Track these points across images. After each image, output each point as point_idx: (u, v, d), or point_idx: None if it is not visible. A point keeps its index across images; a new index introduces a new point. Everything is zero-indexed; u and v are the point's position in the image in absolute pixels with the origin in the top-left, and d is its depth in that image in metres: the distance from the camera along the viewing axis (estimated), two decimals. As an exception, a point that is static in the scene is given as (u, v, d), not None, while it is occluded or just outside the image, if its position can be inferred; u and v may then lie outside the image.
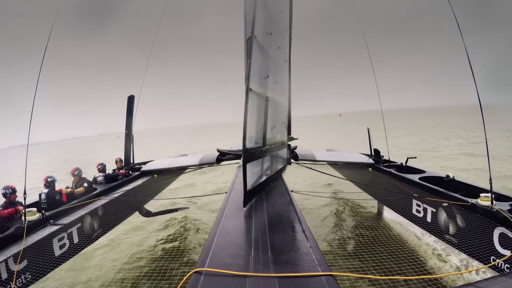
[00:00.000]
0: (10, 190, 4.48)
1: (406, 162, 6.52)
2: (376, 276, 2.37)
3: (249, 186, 3.19)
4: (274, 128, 4.43)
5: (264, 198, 3.68)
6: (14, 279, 3.13)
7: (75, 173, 5.86)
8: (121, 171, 7.27)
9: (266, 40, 3.76)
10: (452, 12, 3.79)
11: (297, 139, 7.09)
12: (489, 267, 3.38)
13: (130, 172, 7.45)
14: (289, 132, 6.37)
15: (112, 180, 6.64)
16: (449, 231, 4.15)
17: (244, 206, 3.18)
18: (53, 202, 4.89)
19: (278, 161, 4.96)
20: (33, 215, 4.08)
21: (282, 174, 5.14)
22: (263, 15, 3.57)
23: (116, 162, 7.53)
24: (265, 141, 3.85)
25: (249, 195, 3.23)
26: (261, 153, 3.75)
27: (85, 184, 5.77)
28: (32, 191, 4.89)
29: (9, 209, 4.36)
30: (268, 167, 4.31)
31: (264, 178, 4.00)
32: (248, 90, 3.02)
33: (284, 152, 5.47)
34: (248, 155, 3.16)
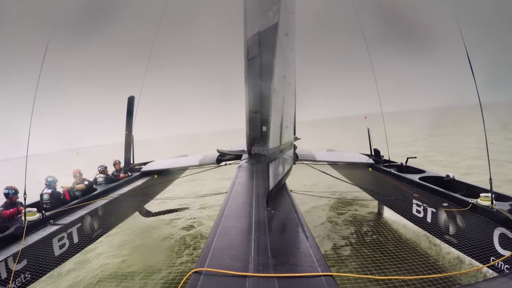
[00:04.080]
0: (13, 191, 4.50)
1: (406, 162, 6.51)
2: (376, 276, 2.36)
3: (271, 186, 3.22)
4: (286, 128, 4.47)
5: (264, 198, 3.69)
6: (11, 278, 3.13)
7: (77, 174, 5.88)
8: (121, 174, 7.26)
9: (284, 41, 3.80)
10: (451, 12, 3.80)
11: (300, 139, 7.08)
12: (489, 267, 3.37)
13: (129, 174, 7.45)
14: (293, 132, 6.40)
15: (112, 182, 6.65)
16: (449, 231, 4.14)
17: (267, 205, 3.20)
18: (57, 202, 4.91)
19: (287, 161, 4.99)
20: (33, 215, 4.10)
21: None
22: (283, 16, 3.63)
23: (114, 165, 7.50)
24: (281, 141, 3.88)
25: (271, 195, 3.24)
26: (279, 153, 3.79)
27: (86, 182, 5.79)
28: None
29: (11, 210, 4.38)
30: (282, 167, 4.35)
31: (279, 177, 4.02)
32: (272, 90, 3.05)
33: (291, 152, 5.50)
34: (271, 155, 3.19)
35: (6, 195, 4.46)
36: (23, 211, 4.06)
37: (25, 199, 3.96)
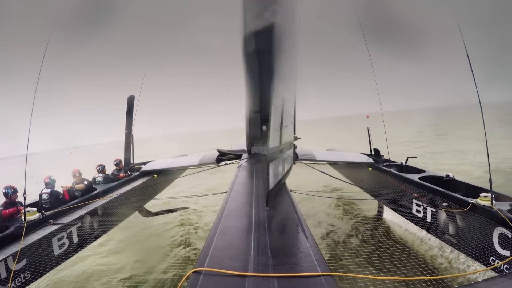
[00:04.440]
0: (12, 190, 4.49)
1: (406, 162, 6.52)
2: (376, 276, 2.37)
3: (271, 186, 3.22)
4: (286, 128, 4.47)
5: (264, 198, 3.69)
6: (11, 278, 3.14)
7: (77, 174, 5.87)
8: (121, 174, 7.24)
9: (285, 40, 3.80)
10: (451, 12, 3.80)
11: (300, 138, 7.08)
12: (489, 267, 3.37)
13: (129, 173, 7.44)
14: (293, 132, 6.38)
15: (110, 181, 6.63)
16: (448, 231, 4.15)
17: (267, 205, 3.20)
18: (56, 201, 4.90)
19: (287, 160, 4.99)
20: (32, 215, 4.10)
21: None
22: (283, 15, 3.63)
23: (117, 164, 7.47)
24: (281, 141, 3.88)
25: (271, 195, 3.25)
26: (278, 152, 3.78)
27: (85, 182, 5.78)
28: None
29: (11, 209, 4.38)
30: (282, 167, 4.35)
31: (279, 177, 4.02)
32: (272, 90, 3.06)
33: (291, 152, 5.50)
34: (271, 154, 3.20)
35: (5, 194, 4.46)
36: (23, 210, 4.06)
37: (24, 199, 3.96)
